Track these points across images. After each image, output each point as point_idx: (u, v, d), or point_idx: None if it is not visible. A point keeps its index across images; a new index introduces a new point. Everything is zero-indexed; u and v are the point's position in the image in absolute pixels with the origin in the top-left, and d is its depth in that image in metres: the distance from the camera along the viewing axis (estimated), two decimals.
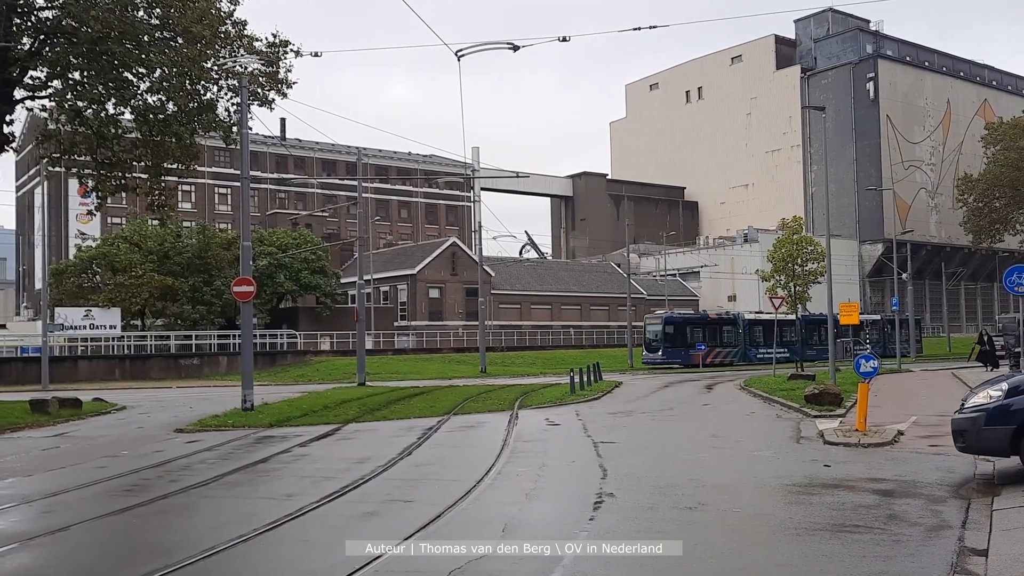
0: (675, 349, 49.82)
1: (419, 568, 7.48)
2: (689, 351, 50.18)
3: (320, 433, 17.95)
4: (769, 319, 54.11)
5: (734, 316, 55.01)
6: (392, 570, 7.37)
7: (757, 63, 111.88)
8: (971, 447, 11.04)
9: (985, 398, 10.94)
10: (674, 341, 50.34)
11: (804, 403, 20.69)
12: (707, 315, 54.30)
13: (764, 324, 54.43)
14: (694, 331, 51.78)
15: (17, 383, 40.55)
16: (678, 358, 47.99)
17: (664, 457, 14.00)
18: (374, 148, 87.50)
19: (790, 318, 55.02)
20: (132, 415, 24.17)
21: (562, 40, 20.37)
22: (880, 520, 8.85)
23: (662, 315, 51.97)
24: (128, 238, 55.14)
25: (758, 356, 52.53)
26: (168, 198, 27.04)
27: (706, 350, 51.05)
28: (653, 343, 50.88)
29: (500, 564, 7.44)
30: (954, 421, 11.32)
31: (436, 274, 72.43)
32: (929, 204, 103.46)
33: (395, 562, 7.54)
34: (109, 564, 7.93)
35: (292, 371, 47.26)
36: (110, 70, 22.97)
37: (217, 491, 11.37)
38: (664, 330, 50.29)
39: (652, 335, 51.19)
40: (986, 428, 10.63)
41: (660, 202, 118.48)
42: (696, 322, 53.13)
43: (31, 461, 15.11)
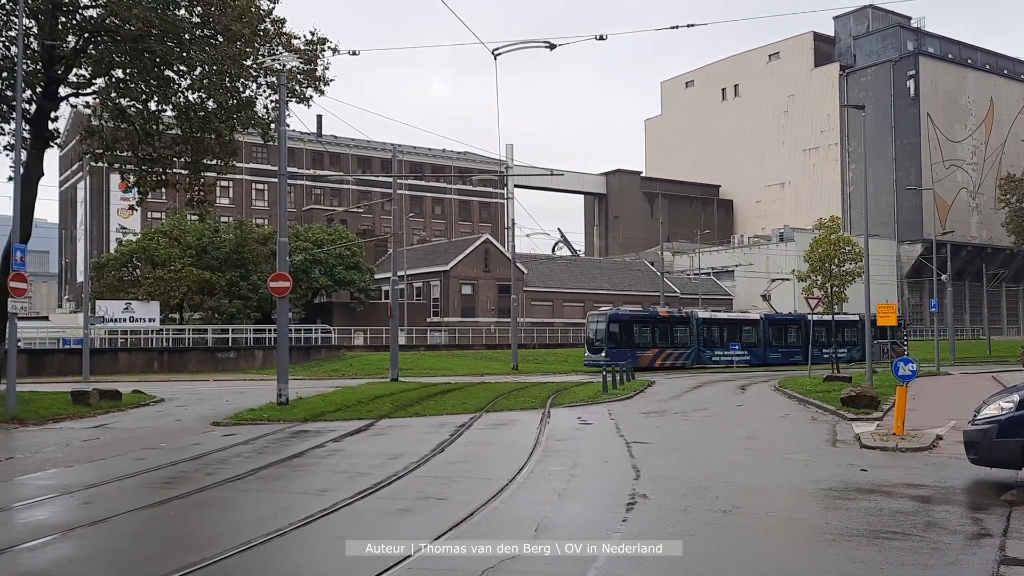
0: (620, 350, 43.88)
1: (452, 567, 7.51)
2: (636, 352, 45.14)
3: (354, 428, 18.09)
4: (726, 318, 52.50)
5: (687, 315, 49.86)
6: (425, 568, 7.41)
7: (795, 60, 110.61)
8: (983, 459, 10.93)
9: (997, 410, 10.84)
10: (619, 341, 45.14)
11: (840, 405, 20.42)
12: (657, 313, 48.66)
13: (721, 324, 51.17)
14: (642, 330, 46.94)
15: (59, 374, 41.35)
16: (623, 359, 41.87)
17: (697, 458, 13.91)
18: (409, 145, 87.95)
19: (751, 317, 52.83)
20: (170, 407, 24.55)
21: (599, 39, 20.33)
22: (918, 527, 8.72)
23: (606, 312, 47.01)
24: (168, 233, 55.99)
25: (713, 359, 48.60)
26: (207, 194, 27.47)
27: (656, 351, 46.85)
28: (596, 343, 45.67)
29: (533, 564, 7.45)
30: (966, 433, 11.22)
31: (469, 271, 72.61)
32: (970, 204, 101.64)
33: (429, 560, 7.58)
34: (147, 556, 8.05)
35: (326, 366, 47.68)
36: (152, 68, 23.35)
37: (253, 485, 11.51)
38: (608, 328, 45.21)
39: (594, 334, 45.95)
40: (998, 440, 10.53)
41: (695, 200, 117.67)
42: (645, 320, 47.55)
43: (72, 452, 15.40)
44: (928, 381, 32.76)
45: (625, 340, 45.52)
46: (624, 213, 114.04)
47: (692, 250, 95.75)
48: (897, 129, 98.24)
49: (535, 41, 20.44)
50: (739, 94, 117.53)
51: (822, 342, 51.28)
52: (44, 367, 42.73)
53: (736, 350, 50.57)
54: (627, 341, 45.56)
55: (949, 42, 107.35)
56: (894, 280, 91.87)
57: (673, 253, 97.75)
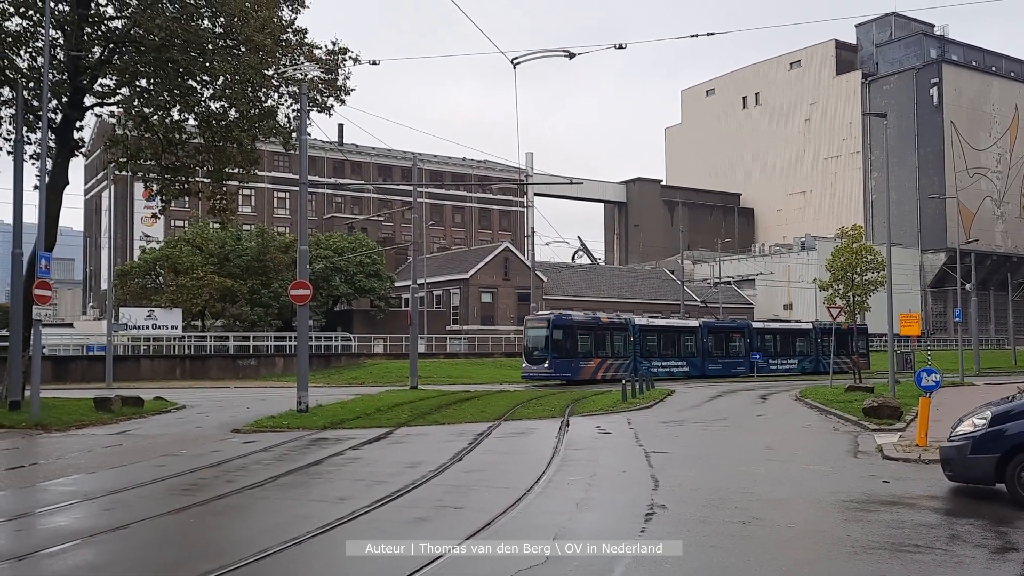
0: (564, 360, 39.69)
1: (471, 574, 7.51)
2: (580, 363, 40.77)
3: (372, 436, 18.13)
4: (665, 325, 47.54)
5: (625, 321, 44.93)
6: (443, 575, 7.42)
7: (816, 68, 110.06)
8: (958, 475, 11.07)
9: (970, 427, 10.97)
10: (563, 350, 40.22)
11: (862, 416, 20.24)
12: (599, 319, 43.73)
13: (659, 332, 46.33)
14: (584, 338, 42.00)
15: (83, 380, 41.77)
16: (567, 372, 38.40)
17: (717, 469, 13.82)
18: (429, 154, 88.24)
19: (690, 324, 48.32)
20: (191, 414, 24.72)
21: (618, 47, 20.34)
22: (942, 540, 8.61)
23: (548, 316, 41.55)
24: (190, 240, 56.49)
25: (651, 370, 42.60)
26: (229, 202, 27.64)
27: (598, 361, 41.94)
28: (535, 352, 40.55)
29: (551, 571, 7.42)
30: (942, 450, 11.40)
31: (488, 279, 72.66)
32: (995, 213, 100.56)
33: (447, 567, 7.58)
34: (167, 563, 8.11)
35: (346, 373, 47.84)
36: (175, 77, 23.60)
37: (272, 492, 11.55)
38: (552, 336, 39.92)
39: (534, 342, 40.87)
40: (971, 456, 10.69)
41: (715, 208, 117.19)
42: (587, 327, 42.53)
43: (94, 458, 15.54)
44: (952, 392, 32.35)
45: (569, 349, 40.75)
46: (644, 221, 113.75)
47: (712, 259, 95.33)
48: (920, 137, 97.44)
49: (554, 50, 20.47)
50: (760, 102, 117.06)
51: (769, 352, 48.04)
52: (68, 373, 43.18)
53: (674, 361, 46.08)
54: (571, 350, 40.81)
55: (973, 49, 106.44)
56: (917, 289, 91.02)
57: (693, 261, 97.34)
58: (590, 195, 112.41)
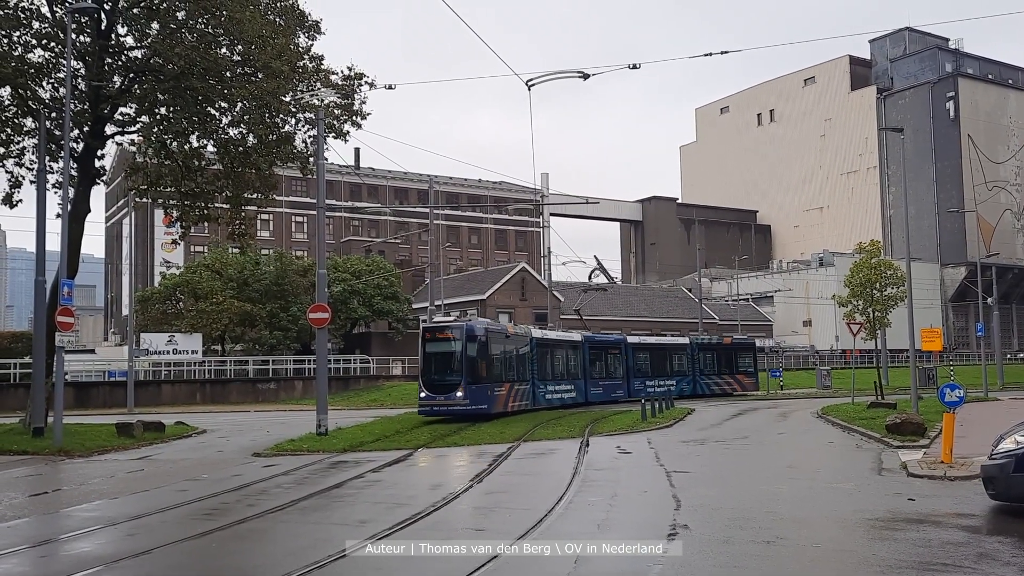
0: (480, 387, 28.12)
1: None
2: (495, 389, 29.26)
3: (392, 459, 18.11)
4: (556, 339, 36.40)
5: (526, 332, 34.05)
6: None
7: (831, 84, 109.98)
8: (1001, 495, 10.65)
9: (1013, 444, 10.58)
10: (479, 373, 28.37)
11: (885, 433, 19.99)
12: (506, 329, 32.73)
13: (553, 347, 35.28)
14: (495, 357, 29.92)
15: (104, 406, 42.02)
16: (483, 402, 27.95)
17: (739, 488, 13.70)
18: (445, 176, 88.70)
19: (574, 339, 37.32)
20: (212, 438, 24.80)
21: (632, 67, 20.43)
22: (970, 559, 8.49)
23: (458, 324, 29.15)
24: (210, 266, 56.90)
25: (547, 397, 33.52)
26: (248, 227, 27.91)
27: (508, 387, 30.45)
28: (438, 377, 28.35)
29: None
30: (983, 468, 10.96)
31: (505, 299, 72.68)
32: (1015, 226, 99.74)
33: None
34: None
35: (365, 395, 47.86)
36: (194, 105, 23.91)
37: (293, 516, 11.56)
38: (465, 353, 28.09)
39: (441, 362, 28.67)
40: (1015, 475, 10.28)
41: (731, 226, 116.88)
42: (499, 340, 30.61)
43: (116, 484, 15.62)
44: (976, 407, 31.94)
45: (485, 371, 28.86)
46: (660, 240, 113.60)
47: (730, 276, 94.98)
48: (937, 151, 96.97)
49: (568, 71, 20.61)
50: (775, 119, 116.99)
51: (645, 372, 40.32)
52: (90, 399, 43.46)
53: (562, 385, 35.46)
54: (487, 373, 28.99)
55: (988, 62, 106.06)
56: (938, 304, 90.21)
57: (711, 279, 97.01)
58: (606, 214, 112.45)
